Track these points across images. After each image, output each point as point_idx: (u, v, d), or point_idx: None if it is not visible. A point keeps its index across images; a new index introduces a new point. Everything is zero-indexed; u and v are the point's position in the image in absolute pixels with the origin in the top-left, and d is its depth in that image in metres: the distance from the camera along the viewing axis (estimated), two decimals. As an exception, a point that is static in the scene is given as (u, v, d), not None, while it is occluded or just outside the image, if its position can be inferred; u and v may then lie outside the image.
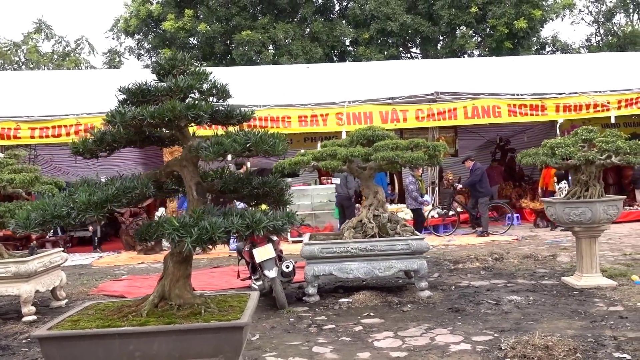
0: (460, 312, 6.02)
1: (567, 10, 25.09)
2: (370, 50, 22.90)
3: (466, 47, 21.60)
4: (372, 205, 7.06)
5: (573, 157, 6.58)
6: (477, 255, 9.55)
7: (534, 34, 22.32)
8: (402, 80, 15.77)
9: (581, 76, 16.02)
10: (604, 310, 5.80)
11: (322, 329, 5.59)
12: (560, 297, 6.47)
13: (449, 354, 4.68)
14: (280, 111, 13.92)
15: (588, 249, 7.01)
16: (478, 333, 5.20)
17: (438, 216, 13.30)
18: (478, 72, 16.73)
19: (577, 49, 26.30)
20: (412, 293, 6.89)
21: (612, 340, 4.77)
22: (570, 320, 5.48)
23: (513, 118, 14.67)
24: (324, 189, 13.86)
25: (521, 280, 7.49)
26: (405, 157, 6.58)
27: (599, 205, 6.68)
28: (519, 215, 14.69)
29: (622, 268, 7.88)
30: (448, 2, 21.31)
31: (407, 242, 6.66)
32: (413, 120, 14.37)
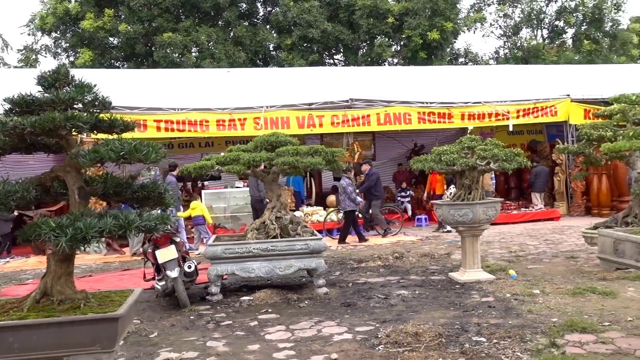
0: (352, 306, 6.50)
1: (478, 24, 26.58)
2: (293, 56, 23.35)
3: (384, 56, 22.47)
4: (275, 207, 7.44)
5: (456, 163, 7.23)
6: (381, 254, 10.13)
7: (447, 45, 23.52)
8: (319, 87, 16.29)
9: (486, 87, 17.09)
10: (477, 301, 6.45)
11: (220, 325, 5.91)
12: (443, 290, 7.10)
13: (331, 343, 5.12)
14: (198, 115, 14.02)
15: (471, 246, 7.70)
16: (362, 324, 5.69)
17: (335, 220, 13.66)
18: (391, 81, 17.51)
19: (487, 61, 27.90)
20: (311, 290, 7.33)
21: (475, 326, 5.38)
22: (446, 311, 6.08)
23: (422, 125, 15.43)
24: (240, 192, 14.12)
25: (414, 277, 8.10)
26: (305, 162, 7.01)
27: (479, 207, 7.37)
28: (427, 216, 15.51)
29: (503, 264, 8.65)
30: (366, 12, 22.10)
31: (306, 243, 7.10)
32: (329, 125, 14.84)
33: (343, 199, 12.30)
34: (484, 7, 27.79)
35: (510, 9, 27.60)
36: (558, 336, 4.89)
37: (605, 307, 5.88)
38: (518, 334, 5.02)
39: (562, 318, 5.46)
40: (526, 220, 14.89)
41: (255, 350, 5.04)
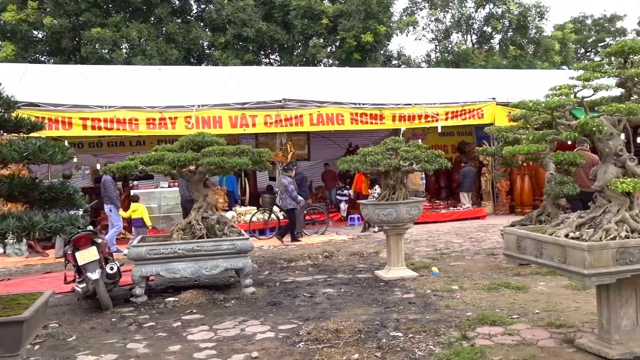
0: (277, 305, 6.56)
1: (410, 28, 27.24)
2: (227, 55, 23.15)
3: (318, 57, 22.65)
4: (202, 207, 7.39)
5: (381, 164, 7.42)
6: (311, 254, 10.24)
7: (380, 47, 23.98)
8: (253, 86, 16.24)
9: (417, 89, 17.53)
10: (398, 297, 6.65)
11: (142, 327, 5.83)
12: (368, 288, 7.27)
13: (253, 342, 5.16)
14: (127, 113, 13.66)
15: (395, 245, 7.93)
16: (285, 322, 5.75)
17: (261, 220, 13.65)
18: (324, 81, 17.67)
19: (419, 64, 28.65)
20: (238, 290, 7.33)
21: (394, 322, 5.55)
22: (368, 308, 6.23)
23: (355, 126, 15.65)
24: (171, 192, 13.90)
25: (341, 275, 8.25)
26: (231, 163, 7.00)
27: (403, 206, 7.59)
28: (360, 215, 15.77)
29: (428, 261, 8.94)
30: (301, 13, 22.21)
31: (233, 242, 7.09)
32: (262, 125, 14.79)
33: (284, 197, 12.33)
34: (416, 11, 28.54)
35: (441, 13, 28.48)
36: (469, 329, 5.13)
37: (517, 301, 6.20)
38: (433, 328, 5.22)
39: (475, 312, 5.72)
40: (454, 219, 15.40)
41: (176, 350, 5.01)
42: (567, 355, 4.41)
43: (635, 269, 3.87)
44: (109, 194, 11.70)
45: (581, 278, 3.82)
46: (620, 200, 4.13)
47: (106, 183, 11.77)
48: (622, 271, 3.84)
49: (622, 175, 4.13)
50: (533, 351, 4.52)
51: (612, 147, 4.16)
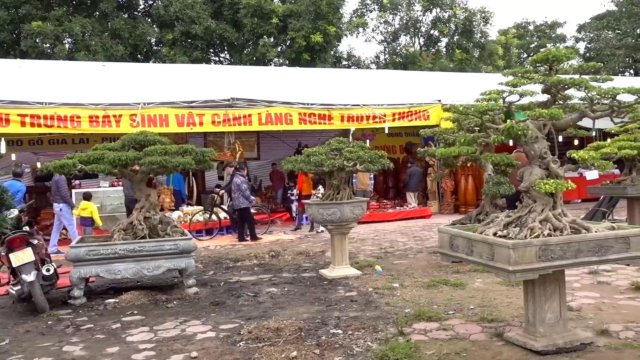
0: (220, 305, 6.56)
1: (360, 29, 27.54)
2: (175, 52, 22.81)
3: (268, 56, 22.62)
4: (144, 207, 7.31)
5: (324, 164, 7.52)
6: (257, 253, 10.25)
7: (330, 48, 24.15)
8: (201, 85, 16.10)
9: (366, 90, 17.79)
10: (341, 295, 6.76)
11: (79, 329, 5.73)
12: (312, 286, 7.36)
13: (194, 342, 5.16)
14: (69, 110, 13.28)
15: (339, 244, 8.05)
16: (227, 322, 5.77)
17: (201, 220, 13.53)
18: (273, 81, 17.69)
19: (368, 65, 29.00)
20: (181, 290, 7.28)
21: (335, 319, 5.65)
22: (311, 306, 6.32)
23: (303, 126, 15.71)
24: (115, 191, 13.62)
25: (286, 274, 8.31)
26: (173, 162, 6.95)
27: (347, 206, 7.71)
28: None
29: (372, 260, 9.11)
30: (251, 11, 22.12)
31: (176, 243, 7.05)
32: (209, 124, 14.65)
33: (237, 196, 12.26)
34: (366, 13, 28.87)
35: (390, 16, 28.91)
36: (406, 325, 5.28)
37: (454, 297, 6.42)
38: (372, 325, 5.35)
39: (414, 309, 5.89)
40: (400, 218, 15.69)
41: (114, 352, 4.95)
42: (496, 348, 4.61)
43: (556, 265, 4.09)
44: (61, 193, 11.60)
45: (507, 274, 4.00)
46: (544, 201, 4.35)
47: (59, 182, 11.62)
48: (544, 267, 4.05)
49: (546, 176, 4.35)
50: (465, 345, 4.70)
51: (537, 150, 4.37)
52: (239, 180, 12.30)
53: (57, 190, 11.60)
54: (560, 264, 4.12)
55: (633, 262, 4.40)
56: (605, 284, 6.80)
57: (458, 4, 27.36)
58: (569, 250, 4.13)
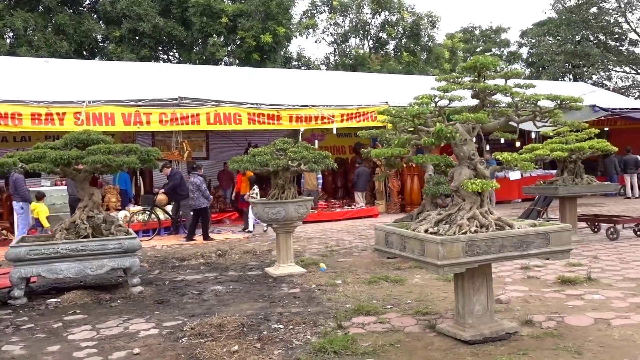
0: (165, 303, 6.61)
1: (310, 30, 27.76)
2: (122, 49, 22.42)
3: (217, 55, 22.53)
4: (87, 206, 7.27)
5: (269, 164, 7.66)
6: (204, 252, 10.30)
7: (280, 48, 24.26)
8: (148, 83, 15.95)
9: (315, 91, 18.00)
10: (285, 292, 6.92)
11: (20, 329, 5.68)
12: (257, 284, 7.49)
13: (136, 339, 5.22)
14: (9, 107, 12.95)
15: (284, 242, 8.21)
16: (171, 319, 5.84)
17: (141, 221, 13.42)
18: (222, 81, 17.68)
19: (318, 66, 29.26)
20: (126, 289, 7.28)
21: (278, 315, 5.81)
22: (255, 303, 6.45)
23: (252, 126, 15.77)
24: (58, 191, 13.36)
25: (232, 273, 8.40)
26: (117, 161, 6.95)
27: (291, 205, 7.88)
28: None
29: (317, 258, 9.31)
30: (200, 10, 21.98)
31: (120, 242, 7.05)
32: (157, 123, 14.53)
33: (197, 196, 12.21)
34: (316, 14, 29.12)
35: (340, 18, 29.26)
36: (346, 320, 5.49)
37: (393, 292, 6.68)
38: (313, 320, 5.54)
39: (354, 304, 6.11)
40: (348, 218, 15.98)
41: (55, 351, 4.96)
42: (428, 339, 4.87)
43: (481, 259, 4.38)
44: (20, 193, 11.48)
45: (435, 268, 4.26)
46: (472, 199, 4.64)
47: (17, 181, 11.61)
48: (470, 262, 4.33)
49: (474, 176, 4.64)
50: (399, 337, 4.95)
51: (465, 152, 4.66)
52: (198, 180, 12.31)
53: (15, 189, 11.52)
54: (485, 259, 4.41)
55: (552, 256, 4.74)
56: (534, 279, 7.20)
57: (406, 7, 27.98)
58: (493, 245, 4.42)
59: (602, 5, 32.19)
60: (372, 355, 4.48)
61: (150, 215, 13.32)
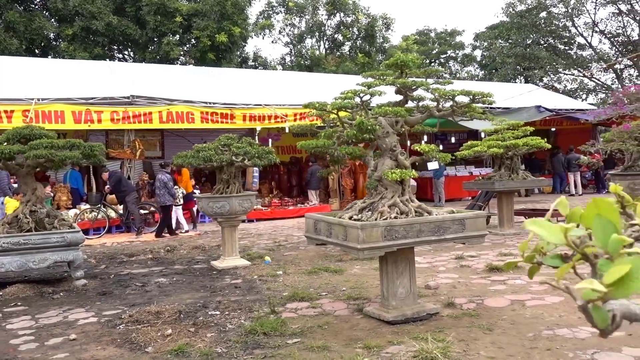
0: (108, 294, 6.74)
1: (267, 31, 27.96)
2: (75, 47, 22.16)
3: (172, 55, 22.49)
4: (30, 201, 7.33)
5: (213, 159, 7.86)
6: (153, 248, 10.40)
7: (236, 48, 24.36)
8: (99, 81, 15.88)
9: (269, 90, 18.19)
10: (227, 283, 7.14)
11: (-43, 321, 5.73)
12: (200, 276, 7.68)
13: (75, 327, 5.36)
14: (-44, 104, 12.78)
15: (229, 236, 8.41)
16: (111, 309, 5.99)
17: (88, 219, 13.34)
18: (175, 79, 17.71)
19: (274, 66, 29.47)
20: (70, 283, 7.36)
21: (216, 303, 6.03)
22: (196, 293, 6.64)
23: (205, 124, 15.86)
24: (6, 188, 13.19)
25: (177, 266, 8.56)
26: (60, 156, 7.04)
27: (235, 199, 8.10)
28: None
29: (264, 252, 9.53)
30: (154, 9, 21.92)
31: (63, 235, 7.13)
32: (108, 122, 14.49)
33: (163, 193, 12.21)
34: (272, 15, 29.33)
35: (297, 18, 29.55)
36: (280, 305, 5.75)
37: (331, 281, 6.97)
38: (248, 306, 5.78)
39: (291, 292, 6.37)
40: (301, 215, 16.17)
41: (-8, 339, 5.06)
42: (354, 320, 5.18)
43: (399, 243, 4.70)
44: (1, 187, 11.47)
45: (356, 252, 4.56)
46: (394, 188, 4.96)
47: None
48: (389, 245, 4.64)
49: (396, 167, 4.96)
50: (328, 319, 5.23)
51: (388, 144, 4.97)
52: (166, 178, 12.36)
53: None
54: (404, 242, 4.73)
55: (468, 241, 5.10)
56: (466, 267, 7.60)
57: (361, 9, 28.45)
58: (411, 230, 4.75)
59: (551, 10, 33.41)
60: (299, 336, 4.75)
61: (98, 213, 13.29)
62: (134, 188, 13.85)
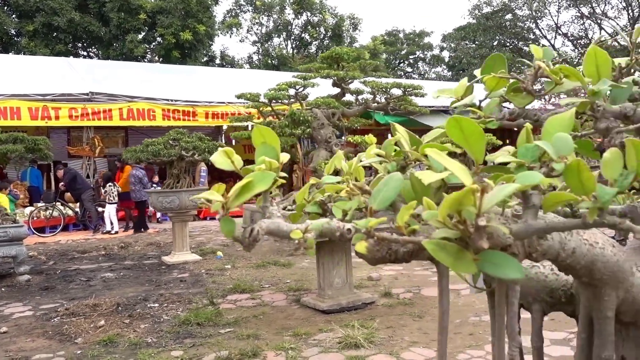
0: (50, 289, 6.67)
1: (234, 29, 27.89)
2: (36, 44, 21.77)
3: (136, 52, 22.26)
4: (-28, 196, 7.20)
5: (162, 153, 7.83)
6: (108, 245, 10.30)
7: (202, 46, 24.22)
8: (58, 78, 15.65)
9: (234, 88, 18.07)
10: (173, 277, 7.12)
11: None
12: (148, 271, 7.64)
13: (8, 320, 5.30)
14: None
15: (180, 231, 8.39)
16: (50, 303, 5.93)
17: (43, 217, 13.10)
18: (136, 77, 17.53)
19: (242, 65, 29.40)
20: (13, 278, 7.25)
21: (158, 296, 6.01)
22: (140, 286, 6.62)
23: (167, 122, 15.70)
24: None
25: (128, 262, 8.50)
26: (1, 149, 6.93)
27: (185, 194, 8.07)
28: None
29: (219, 247, 9.49)
30: (117, 5, 21.67)
31: (5, 230, 7.02)
32: (67, 118, 14.31)
33: (138, 189, 12.10)
34: (240, 14, 29.25)
35: (265, 17, 29.53)
36: (220, 297, 5.77)
37: (277, 275, 7.00)
38: (189, 298, 5.79)
39: (235, 284, 6.39)
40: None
41: None
42: (290, 310, 5.23)
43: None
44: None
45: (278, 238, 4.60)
46: (328, 179, 5.02)
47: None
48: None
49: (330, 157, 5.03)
50: (265, 310, 5.28)
51: (323, 135, 5.04)
52: (140, 174, 12.28)
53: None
54: (336, 232, 4.79)
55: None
56: (413, 260, 7.71)
57: (328, 9, 28.56)
58: (343, 220, 4.81)
59: (516, 12, 34.01)
60: (232, 326, 4.78)
61: (53, 211, 13.10)
62: (90, 186, 13.68)
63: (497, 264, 0.60)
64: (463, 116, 0.78)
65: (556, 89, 1.03)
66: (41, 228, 12.81)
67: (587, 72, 1.01)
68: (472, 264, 0.62)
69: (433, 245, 0.66)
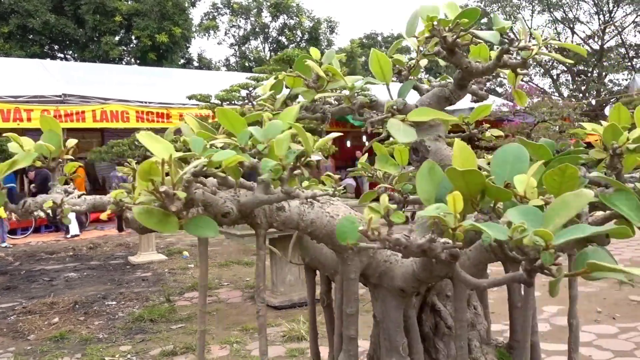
0: (12, 289, 6.73)
1: (211, 32, 27.93)
2: (11, 45, 21.64)
3: (111, 54, 22.23)
4: None
5: (125, 154, 7.92)
6: (77, 246, 10.34)
7: (178, 49, 24.23)
8: (30, 80, 15.61)
9: (209, 90, 18.16)
10: (136, 276, 7.22)
11: None
12: (112, 271, 7.73)
13: (-36, 319, 5.36)
14: None
15: (145, 231, 8.47)
16: (9, 302, 6.00)
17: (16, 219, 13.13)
18: (109, 78, 17.54)
19: (219, 67, 29.45)
20: (-25, 279, 7.30)
21: (117, 295, 6.12)
22: (102, 286, 6.71)
23: (141, 124, 15.71)
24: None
25: (94, 262, 8.57)
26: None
27: (150, 194, 8.16)
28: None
29: (186, 248, 9.56)
30: (92, 8, 21.63)
31: (-32, 231, 7.07)
32: (38, 120, 14.25)
33: None
34: (217, 16, 29.30)
35: (242, 20, 29.61)
36: (177, 295, 5.89)
37: (239, 273, 7.13)
38: (146, 296, 5.90)
39: (194, 283, 6.51)
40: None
41: None
42: (244, 307, 5.37)
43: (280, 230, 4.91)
44: None
45: (237, 238, 4.75)
46: (279, 179, 5.18)
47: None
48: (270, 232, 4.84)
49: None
50: (220, 306, 5.42)
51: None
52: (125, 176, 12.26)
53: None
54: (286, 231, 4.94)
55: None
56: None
57: (304, 12, 28.73)
58: (292, 218, 4.97)
59: (490, 16, 34.54)
60: (184, 322, 4.91)
61: None
62: None
63: (198, 226, 0.76)
64: (227, 108, 0.96)
65: (329, 85, 1.23)
66: (12, 230, 12.79)
67: (373, 71, 1.23)
68: (175, 225, 0.78)
69: (139, 210, 0.83)
